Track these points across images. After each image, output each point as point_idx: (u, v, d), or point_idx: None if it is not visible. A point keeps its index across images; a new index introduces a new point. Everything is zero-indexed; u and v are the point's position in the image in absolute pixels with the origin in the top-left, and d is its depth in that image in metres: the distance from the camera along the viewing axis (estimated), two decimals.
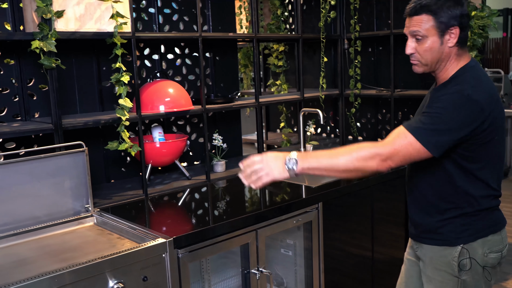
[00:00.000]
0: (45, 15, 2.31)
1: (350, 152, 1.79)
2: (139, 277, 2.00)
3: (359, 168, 1.78)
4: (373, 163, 1.76)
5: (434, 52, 1.89)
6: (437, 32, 1.86)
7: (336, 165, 1.79)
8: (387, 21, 3.88)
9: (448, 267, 1.95)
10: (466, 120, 1.78)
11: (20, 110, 2.70)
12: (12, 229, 2.23)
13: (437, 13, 1.84)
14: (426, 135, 1.76)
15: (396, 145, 1.77)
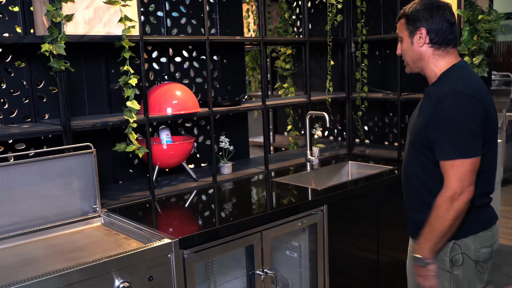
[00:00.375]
0: (54, 19, 2.35)
1: (437, 217, 1.91)
2: (144, 277, 2.03)
3: (454, 216, 1.89)
4: (457, 204, 1.88)
5: (408, 52, 2.07)
6: (407, 33, 2.05)
7: (441, 231, 1.92)
8: (393, 25, 3.89)
9: (440, 263, 2.01)
10: (473, 111, 1.87)
11: (30, 112, 2.75)
12: (21, 229, 2.27)
13: (407, 17, 2.04)
14: (461, 148, 1.86)
15: (454, 177, 1.87)
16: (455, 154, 1.86)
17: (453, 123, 1.86)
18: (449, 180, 1.89)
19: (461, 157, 1.86)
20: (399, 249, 3.35)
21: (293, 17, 4.33)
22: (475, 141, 1.87)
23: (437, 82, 2.01)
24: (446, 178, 1.90)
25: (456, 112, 1.86)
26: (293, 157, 3.80)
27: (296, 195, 2.91)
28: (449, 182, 1.89)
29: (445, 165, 1.89)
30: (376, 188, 3.10)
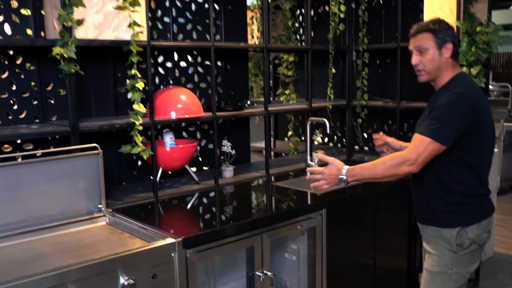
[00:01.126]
0: (66, 23, 2.43)
1: (385, 162, 2.26)
2: (148, 275, 2.10)
3: (394, 174, 2.24)
4: (404, 168, 2.21)
5: (434, 61, 2.34)
6: (435, 45, 2.33)
7: (376, 175, 2.28)
8: (395, 34, 3.97)
9: (447, 244, 2.34)
10: (461, 113, 2.20)
11: (39, 113, 2.82)
12: (29, 226, 2.33)
13: (435, 32, 2.33)
14: (437, 132, 2.18)
15: (418, 148, 2.20)
16: (429, 133, 2.18)
17: (441, 111, 2.20)
18: (412, 150, 2.20)
19: (431, 136, 2.18)
20: (396, 256, 3.42)
21: (296, 25, 4.41)
22: (449, 132, 2.19)
23: (444, 88, 2.35)
24: (411, 147, 2.22)
25: (448, 107, 2.19)
26: (293, 162, 3.87)
27: (296, 199, 2.98)
28: (411, 151, 2.20)
29: (415, 136, 2.23)
30: (374, 194, 3.17)
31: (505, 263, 4.40)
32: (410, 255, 3.51)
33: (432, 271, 2.39)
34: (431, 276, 2.40)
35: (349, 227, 3.05)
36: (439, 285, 2.37)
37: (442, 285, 2.37)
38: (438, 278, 2.37)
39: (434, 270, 2.38)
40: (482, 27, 3.25)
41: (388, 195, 3.27)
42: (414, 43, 2.37)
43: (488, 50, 3.26)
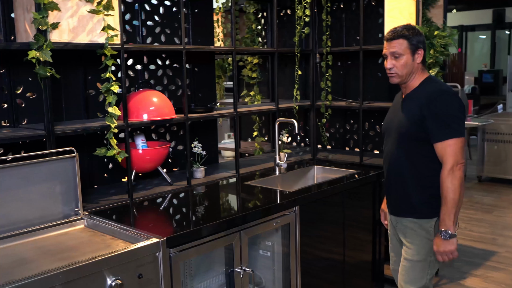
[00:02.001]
0: (41, 27, 2.42)
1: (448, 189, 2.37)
2: (135, 275, 2.13)
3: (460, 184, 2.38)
4: (457, 173, 2.37)
5: (408, 66, 2.52)
6: (410, 52, 2.49)
7: (456, 201, 2.38)
8: (355, 37, 4.13)
9: (426, 233, 2.52)
10: (460, 106, 2.41)
11: (9, 117, 2.79)
12: (7, 231, 2.32)
13: (409, 38, 2.48)
14: (455, 131, 2.37)
15: (451, 153, 2.37)
16: (450, 135, 2.36)
17: (447, 113, 2.38)
18: (447, 157, 2.37)
19: (455, 137, 2.36)
20: (362, 249, 3.57)
21: (259, 28, 4.50)
22: (462, 126, 2.40)
23: (418, 88, 2.53)
24: (444, 156, 2.38)
25: (448, 105, 2.39)
26: (260, 162, 3.96)
27: (269, 197, 3.08)
28: (447, 158, 2.37)
29: (442, 145, 2.38)
30: (340, 191, 3.30)
31: (461, 253, 4.65)
32: (375, 248, 3.67)
33: (412, 260, 2.55)
34: (412, 265, 2.56)
35: (320, 223, 3.17)
36: (420, 272, 2.54)
37: (422, 271, 2.54)
38: (419, 265, 2.54)
39: (415, 259, 2.54)
40: (439, 31, 3.44)
41: (353, 193, 3.41)
42: (390, 49, 2.51)
43: (445, 53, 3.45)
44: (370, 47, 3.77)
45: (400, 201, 2.60)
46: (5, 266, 2.05)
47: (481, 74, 14.45)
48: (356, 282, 3.54)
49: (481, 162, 7.36)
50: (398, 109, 2.59)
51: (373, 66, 4.06)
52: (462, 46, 13.88)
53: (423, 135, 2.44)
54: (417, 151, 2.48)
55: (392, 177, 2.63)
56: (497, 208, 6.12)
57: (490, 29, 15.78)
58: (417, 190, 2.52)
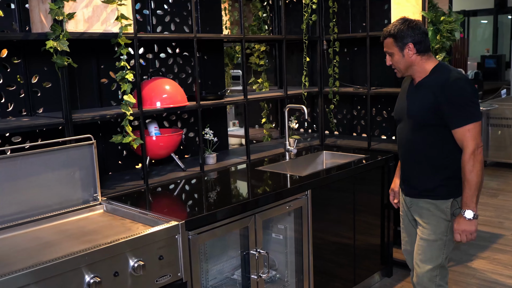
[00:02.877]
0: (57, 17, 2.48)
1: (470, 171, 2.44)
2: (155, 256, 2.21)
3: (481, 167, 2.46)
4: (478, 157, 2.44)
5: (401, 62, 2.60)
6: (397, 49, 2.58)
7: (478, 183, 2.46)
8: (361, 24, 4.17)
9: (442, 214, 2.60)
10: (473, 91, 2.48)
11: (26, 106, 2.85)
12: (29, 216, 2.39)
13: (395, 37, 2.56)
14: (472, 115, 2.44)
15: (471, 137, 2.44)
16: (469, 120, 2.43)
17: (463, 98, 2.44)
18: (467, 141, 2.44)
19: (473, 121, 2.43)
20: (371, 233, 3.65)
21: (265, 15, 4.54)
22: (478, 110, 2.47)
23: (430, 76, 2.56)
24: (464, 141, 2.45)
25: (463, 90, 2.45)
26: (269, 148, 4.02)
27: (281, 181, 3.14)
28: (468, 142, 2.44)
29: (462, 131, 2.44)
30: (351, 175, 3.37)
31: None
32: (383, 232, 3.74)
33: (429, 239, 2.63)
34: (428, 244, 2.63)
35: (330, 208, 3.24)
36: (437, 251, 2.62)
37: (438, 251, 2.62)
38: (435, 245, 2.62)
39: (431, 238, 2.62)
40: (445, 17, 3.48)
41: (362, 178, 3.47)
42: (385, 48, 2.64)
43: (451, 38, 3.50)
44: (377, 33, 3.81)
45: (417, 184, 2.66)
46: (32, 249, 2.12)
47: (484, 60, 14.43)
48: (366, 264, 3.61)
49: (485, 147, 7.41)
50: (411, 96, 2.65)
51: (380, 52, 4.07)
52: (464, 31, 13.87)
53: (438, 121, 2.50)
54: (433, 135, 2.54)
55: (408, 161, 2.69)
56: (503, 192, 6.18)
57: (492, 14, 15.74)
58: (434, 173, 2.59)
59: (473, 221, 2.49)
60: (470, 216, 2.48)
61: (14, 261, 1.99)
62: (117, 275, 2.07)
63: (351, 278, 3.48)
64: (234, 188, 3.14)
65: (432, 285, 2.65)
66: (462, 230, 2.50)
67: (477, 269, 4.02)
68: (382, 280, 3.84)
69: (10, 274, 1.78)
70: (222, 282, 3.04)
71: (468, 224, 2.49)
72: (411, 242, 2.83)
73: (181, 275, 2.32)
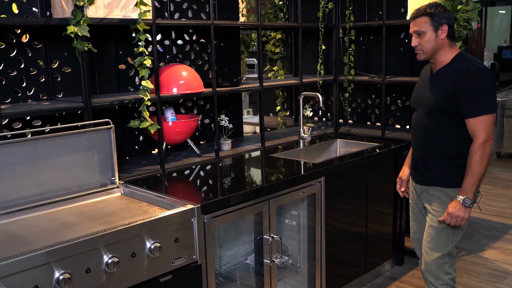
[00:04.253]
0: (78, 3, 2.52)
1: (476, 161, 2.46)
2: (171, 239, 2.26)
3: (488, 159, 2.48)
4: (487, 149, 2.47)
5: (431, 42, 2.58)
6: (432, 28, 2.56)
7: (481, 173, 2.48)
8: (377, 12, 4.17)
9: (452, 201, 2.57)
10: (491, 83, 2.49)
11: (46, 90, 2.90)
12: (49, 198, 2.45)
13: (431, 15, 2.55)
14: (487, 107, 2.45)
15: (483, 128, 2.46)
16: (484, 111, 2.45)
17: (480, 88, 2.45)
18: (479, 132, 2.46)
19: (487, 113, 2.45)
20: (383, 223, 3.67)
21: (281, 3, 4.55)
22: (494, 102, 2.49)
23: (451, 64, 2.58)
24: (476, 131, 2.47)
25: (480, 81, 2.46)
26: (284, 135, 4.06)
27: (295, 168, 3.18)
28: (479, 133, 2.46)
29: (475, 121, 2.46)
30: (365, 162, 3.39)
31: (479, 226, 4.74)
32: (395, 221, 3.77)
33: (438, 227, 2.65)
34: (437, 231, 2.66)
35: (343, 196, 3.27)
36: (445, 239, 2.65)
37: (447, 238, 2.65)
38: (444, 232, 2.64)
39: (441, 226, 2.64)
40: (462, 6, 3.47)
41: (375, 167, 3.49)
42: (413, 27, 2.60)
43: (468, 27, 3.48)
44: (393, 22, 3.81)
45: (429, 171, 2.67)
46: (52, 229, 2.18)
47: (501, 50, 14.27)
48: (377, 253, 3.65)
49: (500, 138, 7.36)
50: (429, 84, 2.65)
51: (395, 41, 4.10)
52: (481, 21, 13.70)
53: (455, 109, 2.51)
54: (448, 123, 2.56)
55: (422, 148, 2.70)
56: None
57: (510, 4, 15.52)
58: (446, 160, 2.60)
59: (468, 209, 2.51)
60: (467, 203, 2.50)
61: (34, 240, 2.05)
62: (134, 256, 2.12)
63: (362, 266, 3.52)
64: (248, 174, 3.18)
65: (441, 272, 2.68)
66: (455, 215, 2.52)
67: (488, 259, 4.04)
68: (393, 268, 3.87)
69: (31, 253, 1.84)
70: (235, 267, 3.10)
71: (463, 211, 2.51)
72: (420, 230, 2.85)
73: (196, 258, 2.38)
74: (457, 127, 2.55)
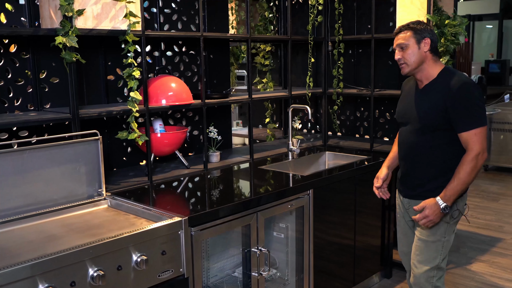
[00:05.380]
0: (67, 13, 2.51)
1: (465, 171, 2.49)
2: (158, 251, 2.24)
3: (477, 171, 2.51)
4: (480, 162, 2.49)
5: (414, 55, 2.60)
6: (415, 41, 2.59)
7: (466, 184, 2.52)
8: (366, 26, 4.20)
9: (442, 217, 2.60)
10: (481, 96, 2.53)
11: (34, 101, 2.88)
12: (35, 210, 2.42)
13: (414, 29, 2.60)
14: (479, 120, 2.49)
15: (477, 140, 2.48)
16: (476, 124, 2.48)
17: (470, 102, 2.49)
18: (473, 145, 2.48)
19: (480, 125, 2.48)
20: (371, 235, 3.67)
21: (271, 16, 4.57)
22: (484, 114, 2.53)
23: (438, 79, 2.60)
24: (469, 144, 2.49)
25: (470, 94, 2.49)
26: (273, 147, 4.05)
27: (283, 180, 3.18)
28: (473, 146, 2.48)
29: (469, 134, 2.49)
30: (354, 175, 3.40)
31: (466, 239, 4.75)
32: (384, 234, 3.77)
33: (427, 240, 2.66)
34: (426, 245, 2.67)
35: (331, 209, 3.27)
36: (434, 252, 2.66)
37: (436, 252, 2.65)
38: (433, 246, 2.65)
39: (430, 239, 2.65)
40: (449, 20, 3.51)
41: (363, 179, 3.50)
42: (397, 41, 2.63)
43: (455, 42, 3.52)
44: (382, 35, 3.85)
45: (418, 186, 2.68)
46: (37, 241, 2.15)
47: (488, 64, 14.43)
48: (365, 265, 3.64)
49: (487, 151, 7.41)
50: (417, 99, 2.66)
51: (384, 55, 4.13)
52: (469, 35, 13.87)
53: (447, 125, 2.53)
54: (440, 138, 2.57)
55: (411, 165, 2.70)
56: (503, 196, 6.20)
57: (498, 19, 15.74)
58: (436, 174, 2.61)
59: (442, 213, 2.54)
60: (445, 211, 2.53)
61: (19, 253, 2.02)
62: (121, 269, 2.10)
63: (350, 278, 3.51)
64: (236, 186, 3.17)
65: (429, 285, 2.68)
66: (430, 219, 2.55)
67: (476, 272, 4.05)
68: (381, 281, 3.87)
69: (15, 266, 1.81)
70: (223, 279, 3.08)
71: (438, 216, 2.55)
72: (407, 243, 2.86)
73: (183, 271, 2.36)
74: (448, 143, 2.56)
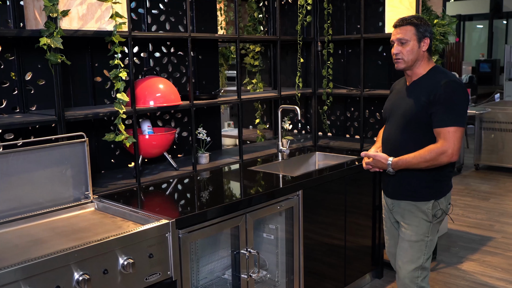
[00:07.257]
0: (52, 14, 2.48)
1: (425, 157, 2.49)
2: (145, 254, 2.21)
3: (434, 164, 2.50)
4: (443, 159, 2.47)
5: (413, 52, 2.59)
6: (416, 38, 2.58)
7: (418, 166, 2.52)
8: (355, 26, 4.19)
9: (424, 215, 2.64)
10: (465, 97, 2.52)
11: (19, 103, 2.84)
12: (20, 213, 2.39)
13: (417, 26, 2.58)
14: (458, 119, 2.47)
15: (450, 139, 2.45)
16: (454, 122, 2.45)
17: (453, 100, 2.47)
18: (447, 142, 2.45)
19: (457, 125, 2.45)
20: (362, 235, 3.66)
21: (260, 16, 4.55)
22: (464, 116, 2.51)
23: (426, 77, 2.61)
24: (444, 140, 2.46)
25: (454, 93, 2.48)
26: (262, 148, 4.04)
27: (273, 181, 3.16)
28: (446, 141, 2.45)
29: (444, 131, 2.46)
30: (344, 175, 3.38)
31: (458, 238, 4.76)
32: (374, 234, 3.76)
33: (410, 240, 2.66)
34: (410, 245, 2.67)
35: (321, 209, 3.25)
36: (417, 252, 2.65)
37: (419, 251, 2.65)
38: (416, 245, 2.65)
39: (413, 240, 2.65)
40: (438, 20, 3.51)
41: (353, 179, 3.49)
42: (396, 35, 2.60)
43: (444, 41, 3.52)
44: (371, 35, 3.84)
45: (401, 185, 2.68)
46: (22, 245, 2.12)
47: (479, 64, 14.51)
48: (356, 265, 3.63)
49: (478, 150, 7.45)
50: (403, 96, 2.67)
51: (374, 54, 4.12)
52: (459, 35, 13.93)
53: (429, 121, 2.52)
54: (423, 135, 2.55)
55: None
56: (494, 195, 6.22)
57: (488, 19, 15.83)
58: (418, 174, 2.60)
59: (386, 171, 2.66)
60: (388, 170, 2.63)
61: (4, 257, 1.99)
62: (107, 273, 2.07)
63: (341, 279, 3.50)
64: (226, 187, 3.15)
65: (414, 286, 2.69)
66: (377, 165, 2.67)
67: (466, 271, 4.05)
68: (372, 281, 3.86)
69: (0, 270, 1.79)
70: (212, 282, 3.05)
71: (382, 168, 2.66)
72: (394, 244, 2.87)
73: (171, 274, 2.33)
74: (430, 141, 2.53)
